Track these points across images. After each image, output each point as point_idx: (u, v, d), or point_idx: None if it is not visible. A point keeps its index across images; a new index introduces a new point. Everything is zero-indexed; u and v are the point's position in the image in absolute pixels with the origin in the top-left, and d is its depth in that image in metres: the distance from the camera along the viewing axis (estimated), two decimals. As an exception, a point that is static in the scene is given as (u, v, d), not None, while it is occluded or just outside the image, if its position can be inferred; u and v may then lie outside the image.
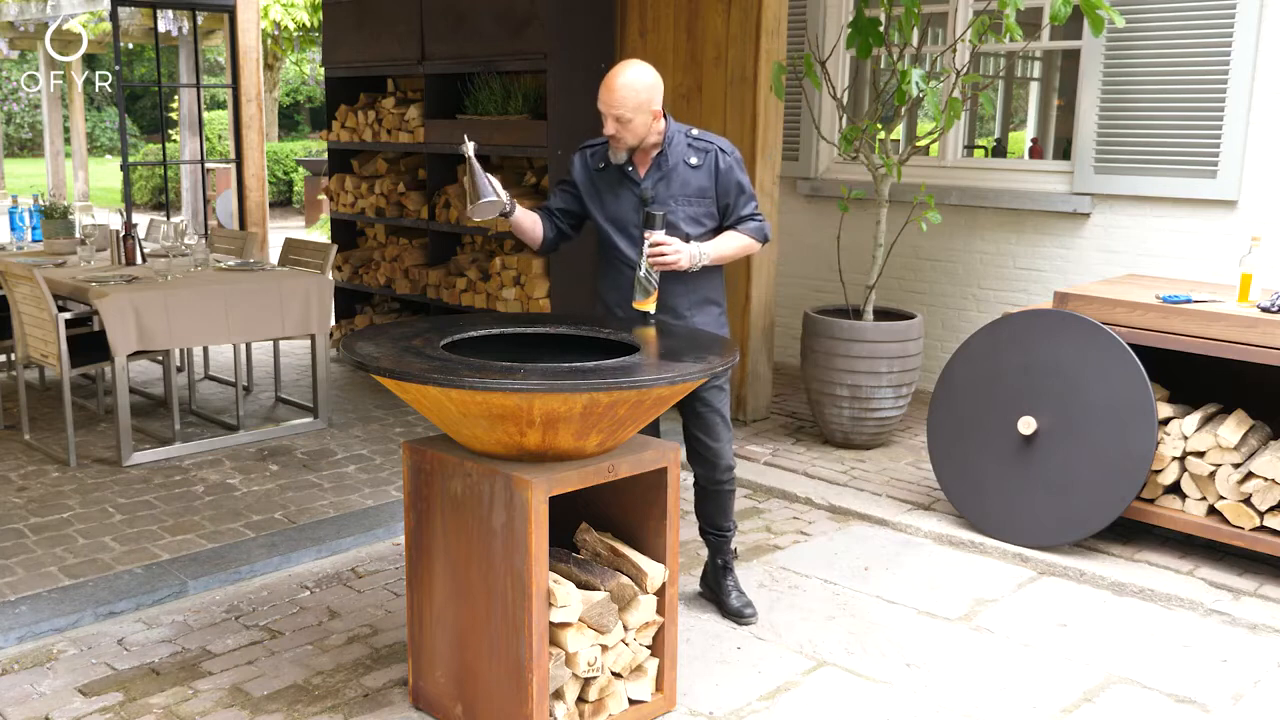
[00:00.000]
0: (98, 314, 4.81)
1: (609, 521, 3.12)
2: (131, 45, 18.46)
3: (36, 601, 3.55)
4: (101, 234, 5.92)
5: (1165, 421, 3.98)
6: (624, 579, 2.92)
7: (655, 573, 2.95)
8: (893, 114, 5.24)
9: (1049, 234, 5.89)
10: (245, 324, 5.16)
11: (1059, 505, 4.05)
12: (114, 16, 7.80)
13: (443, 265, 6.57)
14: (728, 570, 3.68)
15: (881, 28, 5.05)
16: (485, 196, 3.16)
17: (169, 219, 7.37)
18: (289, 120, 28.56)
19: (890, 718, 3.06)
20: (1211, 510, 3.94)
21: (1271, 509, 3.77)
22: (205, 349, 6.72)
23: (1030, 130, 11.20)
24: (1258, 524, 3.81)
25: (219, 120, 18.83)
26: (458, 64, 6.23)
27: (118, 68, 8.00)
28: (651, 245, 3.23)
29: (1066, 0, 4.54)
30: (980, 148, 9.89)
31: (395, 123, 6.69)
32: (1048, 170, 6.01)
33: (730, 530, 3.66)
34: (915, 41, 5.17)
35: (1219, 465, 3.87)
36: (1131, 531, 4.23)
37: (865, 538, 4.37)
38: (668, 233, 3.28)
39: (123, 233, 5.60)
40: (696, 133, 3.41)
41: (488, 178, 3.18)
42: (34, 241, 6.37)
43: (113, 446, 5.11)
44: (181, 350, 6.16)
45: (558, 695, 2.85)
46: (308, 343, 6.20)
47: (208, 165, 14.86)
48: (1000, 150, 10.85)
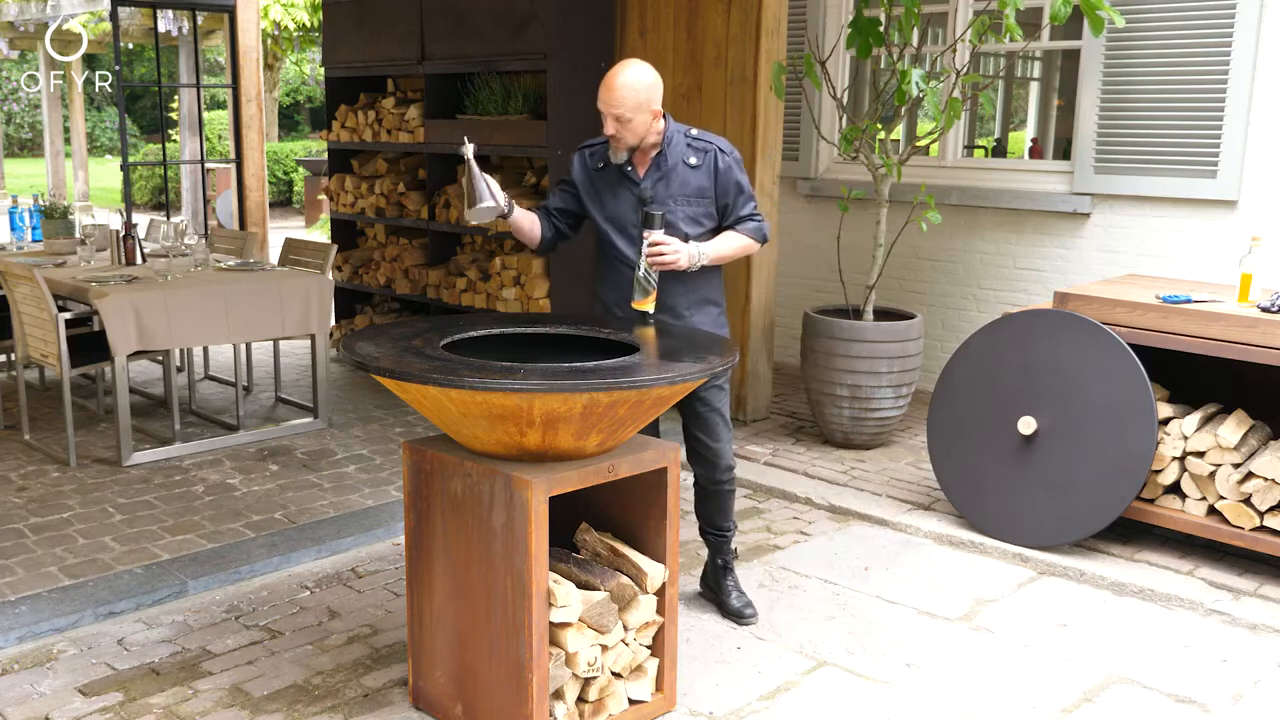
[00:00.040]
0: (98, 314, 4.81)
1: (609, 521, 3.12)
2: (131, 45, 18.46)
3: (36, 601, 3.55)
4: (101, 234, 5.92)
5: (1165, 421, 3.98)
6: (624, 579, 2.92)
7: (655, 573, 2.95)
8: (893, 114, 5.24)
9: (1049, 234, 5.89)
10: (245, 324, 5.16)
11: (1059, 505, 4.05)
12: (114, 16, 7.80)
13: (443, 265, 6.57)
14: (728, 570, 3.68)
15: (881, 28, 5.05)
16: (482, 201, 3.16)
17: (169, 219, 7.37)
18: (289, 120, 28.57)
19: (890, 718, 3.06)
20: (1211, 510, 3.94)
21: (1271, 509, 3.78)
22: (205, 349, 6.72)
23: (1030, 130, 11.21)
24: (1258, 524, 3.81)
25: (219, 120, 18.83)
26: (458, 64, 6.23)
27: (118, 68, 8.00)
28: (650, 245, 3.23)
29: (1066, 0, 4.54)
30: (980, 148, 9.90)
31: (395, 123, 6.69)
32: (1048, 170, 6.01)
33: (730, 530, 3.66)
34: (915, 41, 5.17)
35: (1219, 465, 3.87)
36: (1131, 531, 4.23)
37: (865, 538, 4.37)
38: (666, 232, 3.28)
39: (123, 233, 5.60)
40: (696, 133, 3.41)
41: (486, 182, 3.18)
42: (34, 241, 6.37)
43: (113, 446, 5.12)
44: (181, 350, 6.16)
45: (558, 695, 2.85)
46: (308, 343, 6.20)
47: (208, 165, 14.86)
48: (1000, 150, 10.85)
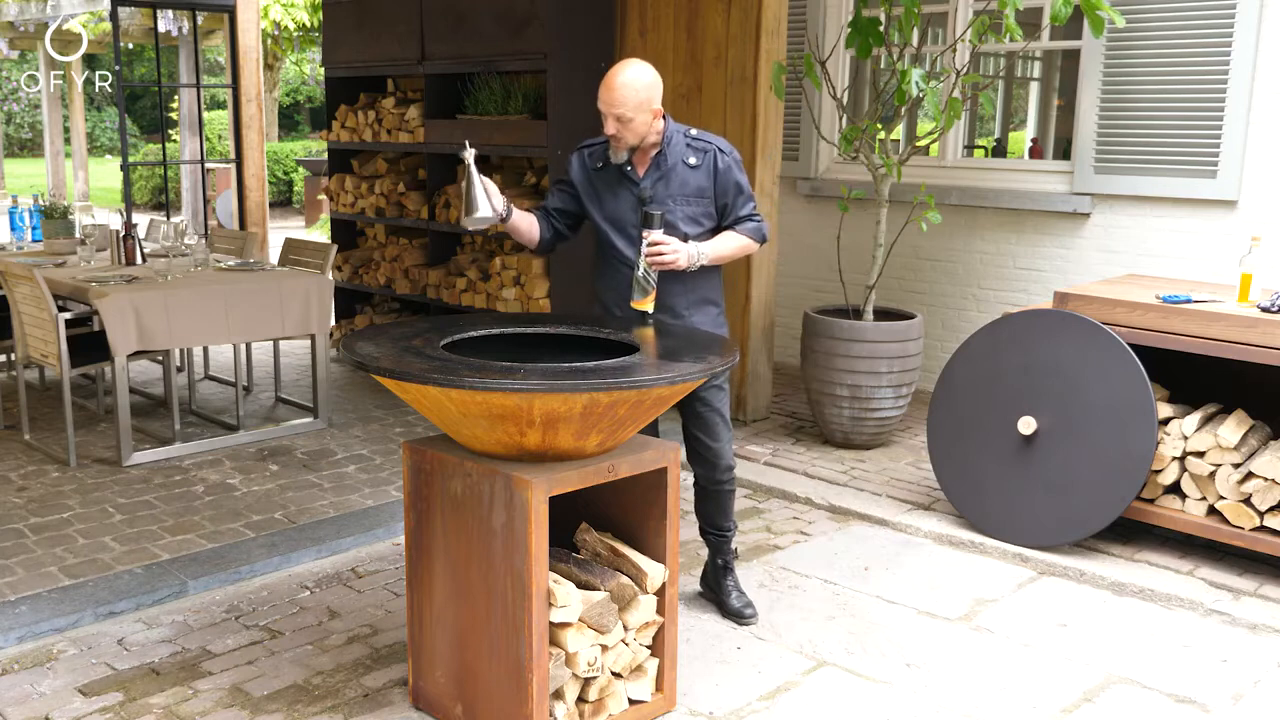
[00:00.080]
0: (98, 314, 4.81)
1: (609, 521, 3.12)
2: (131, 45, 18.46)
3: (36, 601, 3.55)
4: (101, 234, 5.92)
5: (1165, 421, 3.98)
6: (624, 579, 2.92)
7: (655, 573, 2.95)
8: (893, 114, 5.24)
9: (1049, 234, 5.89)
10: (245, 324, 5.16)
11: (1059, 505, 4.05)
12: (114, 16, 7.80)
13: (443, 265, 6.57)
14: (728, 570, 3.68)
15: (881, 28, 5.05)
16: (479, 211, 3.14)
17: (169, 219, 7.37)
18: (289, 120, 28.57)
19: (890, 718, 3.06)
20: (1211, 510, 3.94)
21: (1271, 509, 3.77)
22: (205, 349, 6.72)
23: (1030, 130, 11.21)
24: (1258, 524, 3.81)
25: (219, 120, 18.83)
26: (458, 64, 6.23)
27: (118, 68, 8.00)
28: (650, 244, 3.23)
29: (1067, 0, 4.54)
30: (980, 148, 9.90)
31: (395, 123, 6.69)
32: (1048, 170, 6.01)
33: (730, 530, 3.66)
34: (915, 41, 5.17)
35: (1219, 465, 3.87)
36: (1131, 531, 4.23)
37: (865, 538, 4.37)
38: (666, 232, 3.28)
39: (123, 233, 5.60)
40: (695, 133, 3.41)
41: (485, 190, 3.16)
42: (34, 241, 6.37)
43: (113, 446, 5.11)
44: (181, 350, 6.16)
45: (558, 695, 2.85)
46: (308, 343, 6.20)
47: (208, 165, 14.86)
48: (1000, 150, 10.85)
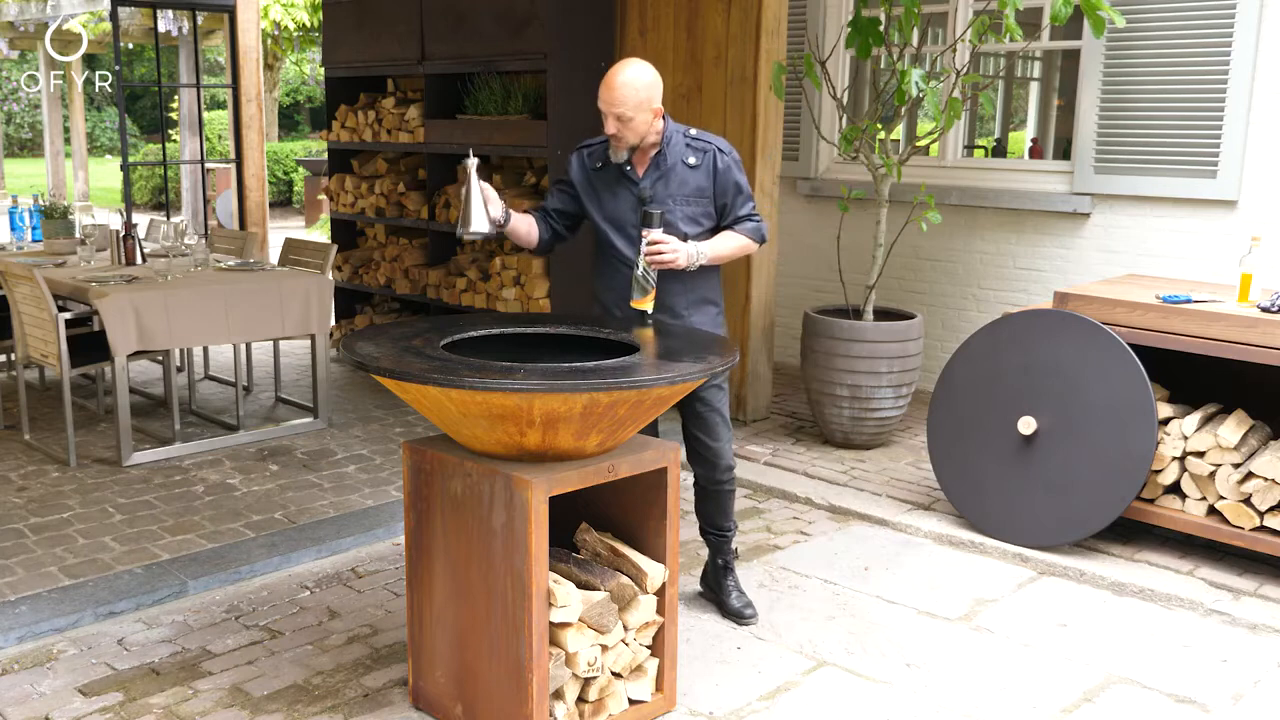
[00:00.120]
0: (98, 314, 4.81)
1: (609, 521, 3.12)
2: (131, 45, 18.46)
3: (36, 601, 3.55)
4: (101, 234, 5.92)
5: (1165, 421, 3.98)
6: (624, 579, 2.92)
7: (655, 573, 2.95)
8: (893, 114, 5.24)
9: (1049, 234, 5.89)
10: (245, 324, 5.16)
11: (1059, 505, 4.05)
12: (114, 16, 7.80)
13: (443, 265, 6.57)
14: (728, 570, 3.68)
15: (881, 28, 5.05)
16: (474, 226, 3.13)
17: (169, 219, 7.37)
18: (289, 120, 28.57)
19: (890, 718, 3.06)
20: (1211, 510, 3.94)
21: (1271, 509, 3.77)
22: (205, 349, 6.72)
23: (1030, 130, 11.21)
24: (1258, 524, 3.81)
25: (219, 120, 18.83)
26: (458, 64, 6.23)
27: (118, 68, 8.00)
28: (649, 244, 3.23)
29: (1067, 1, 4.54)
30: (980, 148, 9.90)
31: (395, 123, 6.69)
32: (1048, 170, 6.01)
33: (730, 530, 3.66)
34: (915, 41, 5.17)
35: (1219, 465, 3.87)
36: (1131, 531, 4.23)
37: (865, 538, 4.37)
38: (665, 232, 3.27)
39: (123, 233, 5.60)
40: (695, 132, 3.41)
41: (484, 203, 3.15)
42: (34, 241, 6.37)
43: (113, 446, 5.11)
44: (181, 350, 6.16)
45: (558, 695, 2.85)
46: (308, 343, 6.20)
47: (208, 165, 14.86)
48: (1000, 150, 10.85)
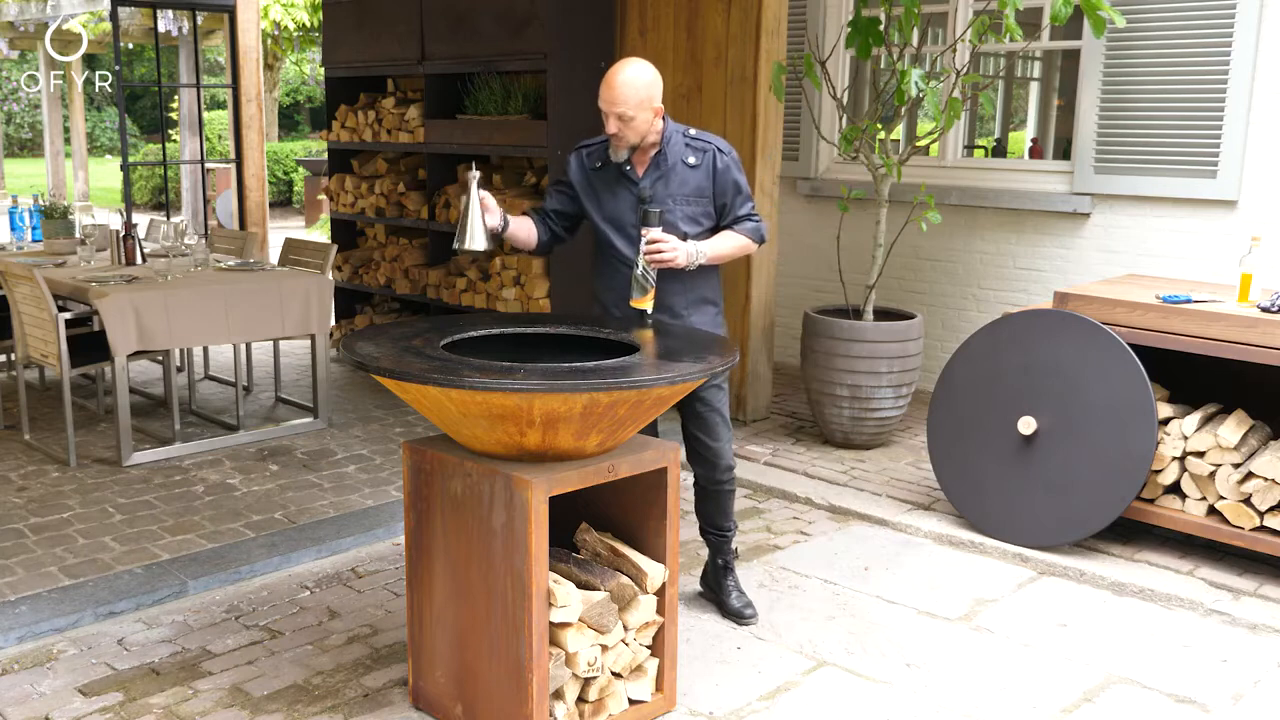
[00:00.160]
0: (98, 314, 4.81)
1: (609, 521, 3.12)
2: (131, 45, 18.46)
3: (36, 601, 3.55)
4: (101, 234, 5.92)
5: (1165, 421, 3.98)
6: (624, 579, 2.92)
7: (655, 573, 2.95)
8: (893, 114, 5.24)
9: (1049, 234, 5.89)
10: (245, 324, 5.16)
11: (1059, 505, 4.05)
12: (114, 16, 7.80)
13: (443, 265, 6.57)
14: (728, 570, 3.68)
15: (881, 28, 5.05)
16: (469, 244, 3.12)
17: (169, 219, 7.37)
18: (289, 120, 28.57)
19: (890, 718, 3.06)
20: (1211, 510, 3.94)
21: (1271, 509, 3.77)
22: (205, 349, 6.72)
23: (1030, 130, 11.21)
24: (1258, 524, 3.81)
25: (219, 120, 18.83)
26: (458, 64, 6.23)
27: (118, 68, 8.00)
28: (648, 242, 3.23)
29: (1067, 1, 4.54)
30: (980, 148, 9.90)
31: (395, 123, 6.69)
32: (1048, 170, 6.01)
33: (730, 530, 3.66)
34: (915, 41, 5.17)
35: (1219, 465, 3.87)
36: (1131, 531, 4.23)
37: (865, 538, 4.37)
38: (665, 231, 3.27)
39: (123, 233, 5.60)
40: (694, 132, 3.41)
41: (483, 220, 3.14)
42: (34, 241, 6.37)
43: (113, 446, 5.11)
44: (181, 350, 6.16)
45: (558, 695, 2.85)
46: (308, 343, 6.20)
47: (208, 165, 14.86)
48: (1000, 150, 10.85)
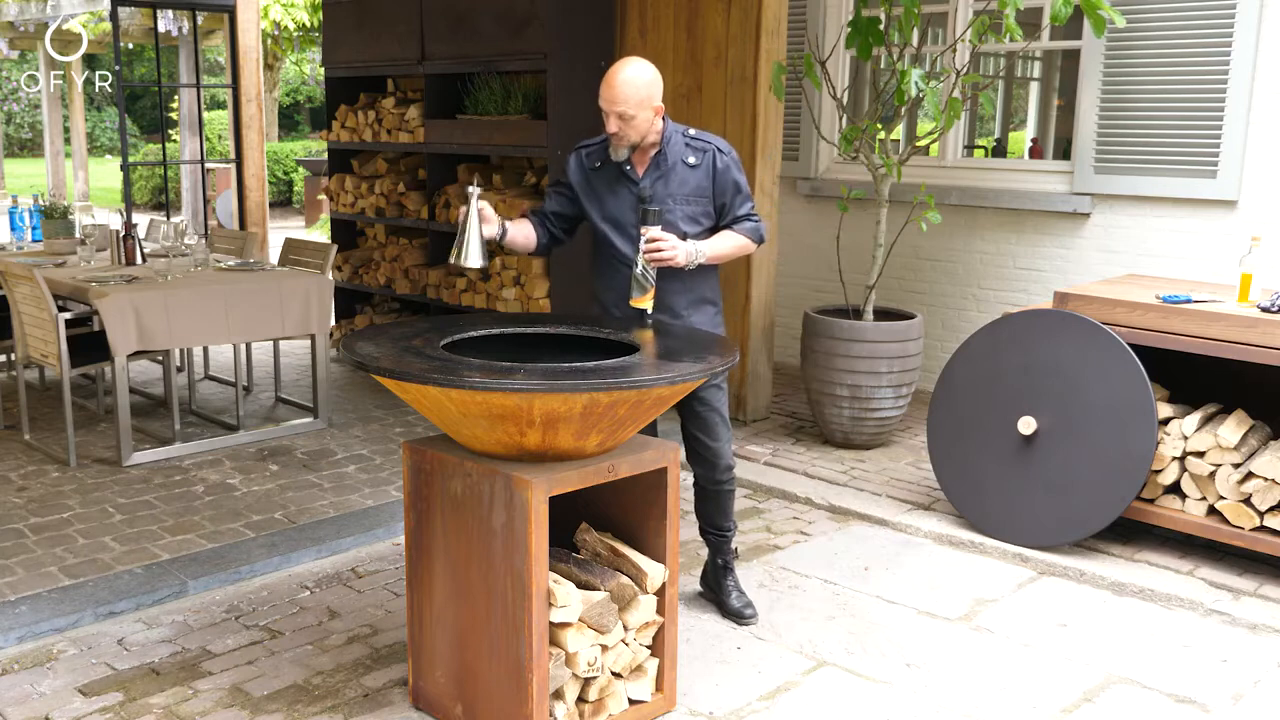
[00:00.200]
0: (98, 314, 4.81)
1: (609, 521, 3.12)
2: (131, 45, 18.46)
3: (36, 601, 3.55)
4: (101, 234, 5.92)
5: (1165, 421, 3.98)
6: (624, 579, 2.92)
7: (655, 573, 2.95)
8: (893, 114, 5.24)
9: (1049, 234, 5.89)
10: (245, 324, 5.16)
11: (1059, 505, 4.05)
12: (114, 16, 7.80)
13: (443, 265, 6.57)
14: (728, 570, 3.68)
15: (881, 28, 5.05)
16: (471, 261, 3.12)
17: (169, 219, 7.37)
18: (289, 120, 28.57)
19: (890, 718, 3.06)
20: (1211, 510, 3.94)
21: (1271, 509, 3.77)
22: (205, 349, 6.72)
23: (1030, 130, 11.21)
24: (1258, 524, 3.81)
25: (219, 120, 18.83)
26: (458, 64, 6.23)
27: (118, 68, 8.00)
28: (648, 241, 3.23)
29: (1067, 1, 4.54)
30: (980, 148, 9.90)
31: (395, 123, 6.69)
32: (1048, 170, 6.01)
33: (730, 530, 3.66)
34: (915, 41, 5.17)
35: (1219, 465, 3.87)
36: (1131, 531, 4.23)
37: (865, 538, 4.37)
38: (664, 231, 3.27)
39: (123, 233, 5.60)
40: (694, 132, 3.41)
41: (481, 237, 3.13)
42: (34, 241, 6.37)
43: (113, 446, 5.11)
44: (181, 350, 6.16)
45: (558, 695, 2.85)
46: (308, 343, 6.20)
47: (208, 165, 14.86)
48: (1000, 150, 10.85)
